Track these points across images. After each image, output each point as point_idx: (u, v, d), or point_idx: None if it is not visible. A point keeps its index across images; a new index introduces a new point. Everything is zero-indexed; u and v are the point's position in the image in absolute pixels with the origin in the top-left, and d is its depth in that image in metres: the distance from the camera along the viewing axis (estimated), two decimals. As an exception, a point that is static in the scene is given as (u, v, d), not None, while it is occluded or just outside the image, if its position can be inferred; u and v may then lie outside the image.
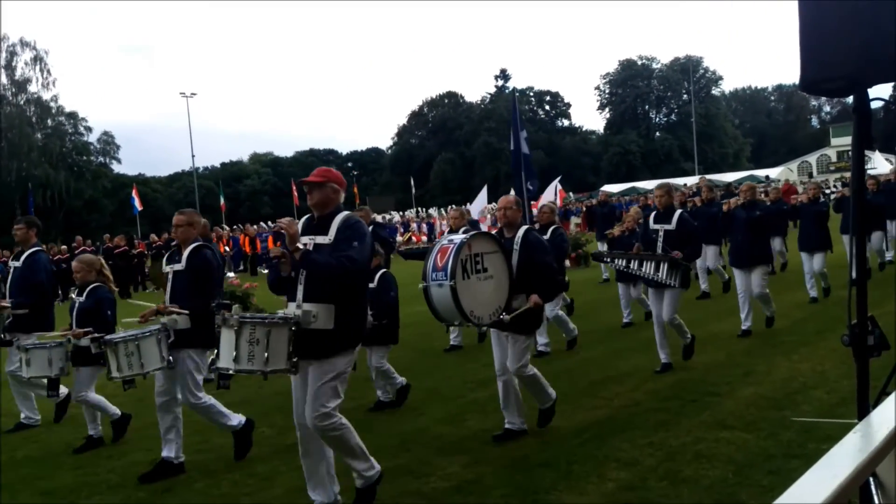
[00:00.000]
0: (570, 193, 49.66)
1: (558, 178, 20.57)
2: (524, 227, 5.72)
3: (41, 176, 55.51)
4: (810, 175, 64.27)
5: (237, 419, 5.77)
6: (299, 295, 4.21)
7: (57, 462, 6.15)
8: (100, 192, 63.11)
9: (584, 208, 20.43)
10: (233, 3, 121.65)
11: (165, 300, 5.55)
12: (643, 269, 7.39)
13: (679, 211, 7.60)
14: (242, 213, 67.20)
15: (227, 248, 27.09)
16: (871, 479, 2.21)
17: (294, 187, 44.83)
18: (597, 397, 6.60)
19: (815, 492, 1.59)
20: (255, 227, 32.63)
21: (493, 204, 29.82)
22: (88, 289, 6.46)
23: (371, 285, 6.23)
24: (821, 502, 1.55)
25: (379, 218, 33.88)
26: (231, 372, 4.31)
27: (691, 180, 56.98)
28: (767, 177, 52.33)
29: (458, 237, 5.15)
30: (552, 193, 19.38)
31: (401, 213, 46.09)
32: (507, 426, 5.75)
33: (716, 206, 11.92)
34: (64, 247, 24.32)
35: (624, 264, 7.68)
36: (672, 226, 7.41)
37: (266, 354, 4.11)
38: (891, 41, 2.42)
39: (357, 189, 49.87)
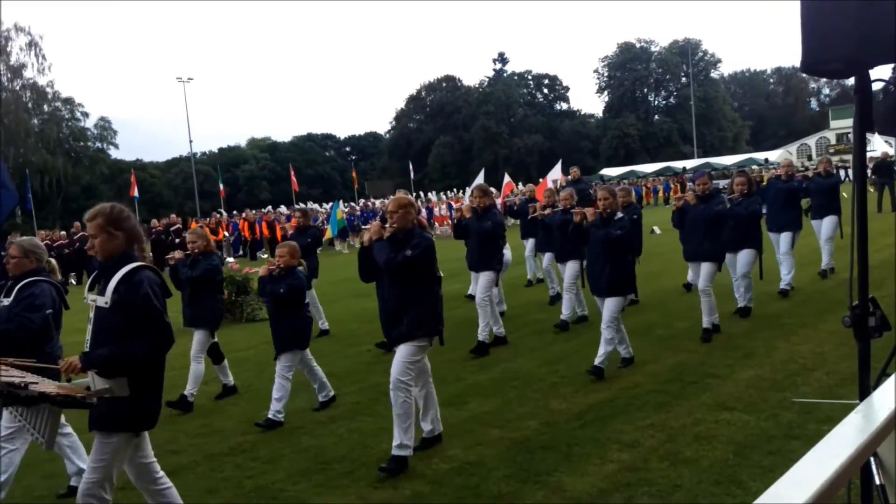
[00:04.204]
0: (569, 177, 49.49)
1: (559, 163, 20.47)
2: None
3: (39, 162, 55.31)
4: (809, 157, 64.21)
5: None
6: None
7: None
8: (98, 177, 62.94)
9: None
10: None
11: None
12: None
13: (132, 266, 3.60)
14: (241, 198, 67.12)
15: (227, 234, 27.11)
16: (871, 459, 2.23)
17: (292, 172, 44.75)
18: (597, 380, 6.63)
19: (817, 472, 1.61)
20: (253, 212, 32.61)
21: (493, 190, 29.78)
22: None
23: None
24: (822, 482, 1.57)
25: (378, 203, 33.98)
26: None
27: (690, 164, 56.97)
28: (766, 160, 52.26)
29: None
30: (557, 174, 19.15)
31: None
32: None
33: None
34: (62, 232, 24.37)
35: None
36: (106, 299, 3.57)
37: None
38: (892, 21, 2.41)
39: (355, 174, 49.77)
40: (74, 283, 22.44)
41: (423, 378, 5.41)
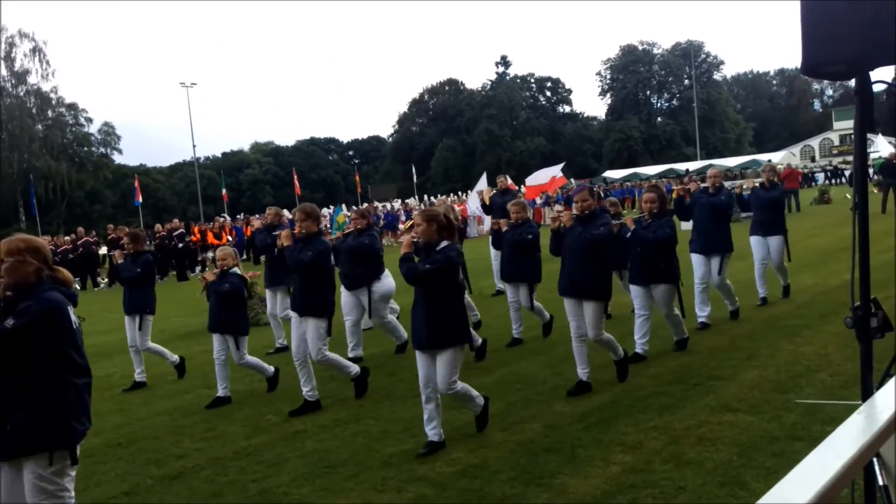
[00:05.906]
0: (572, 180, 49.59)
1: (560, 165, 20.48)
2: None
3: (43, 167, 55.44)
4: (812, 159, 64.18)
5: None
6: None
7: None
8: (101, 183, 63.09)
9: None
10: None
11: None
12: None
13: None
14: (244, 202, 67.28)
15: (231, 238, 27.15)
16: (874, 460, 2.23)
17: (295, 176, 44.84)
18: (601, 382, 6.63)
19: (820, 473, 1.61)
20: (258, 216, 32.69)
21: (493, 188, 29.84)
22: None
23: None
24: (825, 482, 1.57)
25: (380, 206, 34.04)
26: None
27: (693, 165, 56.96)
28: (770, 161, 52.24)
29: None
30: (545, 178, 19.27)
31: (403, 200, 46.11)
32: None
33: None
34: (67, 238, 24.51)
35: None
36: None
37: None
38: (893, 23, 2.42)
39: (358, 178, 49.83)
40: (79, 288, 22.52)
41: None
